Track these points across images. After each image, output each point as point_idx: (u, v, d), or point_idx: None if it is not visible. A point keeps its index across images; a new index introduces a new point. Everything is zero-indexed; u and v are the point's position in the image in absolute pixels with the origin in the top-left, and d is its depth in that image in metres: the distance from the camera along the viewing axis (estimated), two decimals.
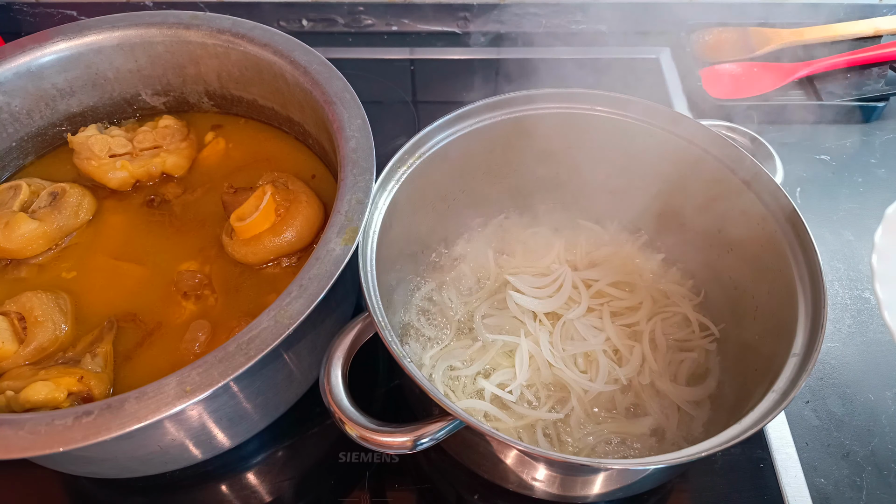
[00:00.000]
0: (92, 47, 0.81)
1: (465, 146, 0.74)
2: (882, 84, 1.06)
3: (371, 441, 0.53)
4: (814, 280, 0.61)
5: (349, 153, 0.68)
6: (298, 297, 0.57)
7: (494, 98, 0.74)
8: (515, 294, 0.76)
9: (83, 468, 0.67)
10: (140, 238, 0.77)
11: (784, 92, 1.07)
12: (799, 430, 0.75)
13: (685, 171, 0.74)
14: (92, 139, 0.79)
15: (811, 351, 0.57)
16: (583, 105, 0.75)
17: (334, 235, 0.61)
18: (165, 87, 0.87)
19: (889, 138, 1.05)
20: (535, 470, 0.60)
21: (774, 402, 0.54)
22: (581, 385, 0.70)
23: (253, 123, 0.89)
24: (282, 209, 0.72)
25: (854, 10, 1.19)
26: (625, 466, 0.55)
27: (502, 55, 1.17)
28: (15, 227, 0.72)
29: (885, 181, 0.99)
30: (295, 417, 0.73)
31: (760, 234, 0.68)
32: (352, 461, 0.72)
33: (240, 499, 0.71)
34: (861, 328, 0.84)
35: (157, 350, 0.68)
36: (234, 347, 0.54)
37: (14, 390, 0.60)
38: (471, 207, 0.83)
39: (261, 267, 0.73)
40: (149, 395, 0.52)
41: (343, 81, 0.74)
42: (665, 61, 1.16)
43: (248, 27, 0.80)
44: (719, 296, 0.76)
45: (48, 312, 0.67)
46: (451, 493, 0.71)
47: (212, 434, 0.64)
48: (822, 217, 0.95)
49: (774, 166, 0.70)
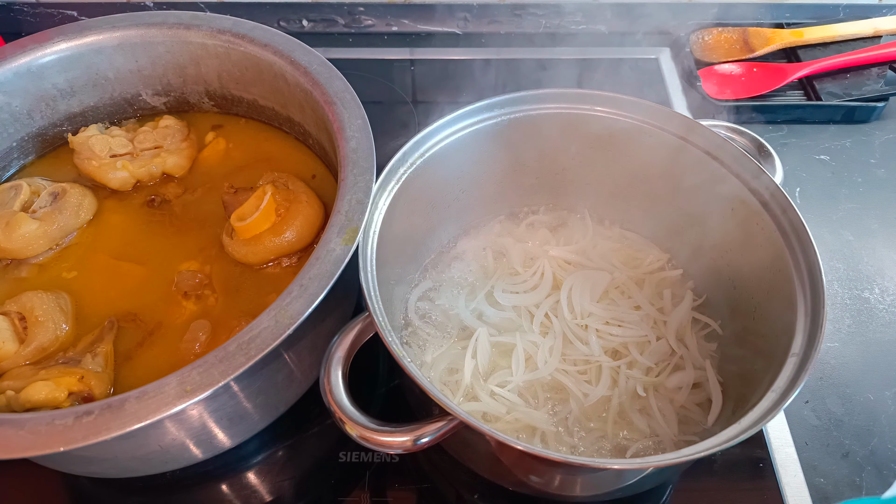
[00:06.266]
0: (92, 47, 0.81)
1: (465, 146, 0.74)
2: (881, 84, 1.06)
3: (371, 441, 0.53)
4: (813, 280, 0.61)
5: (349, 153, 0.68)
6: (299, 297, 0.57)
7: (494, 98, 0.74)
8: (501, 294, 0.76)
9: (83, 468, 0.67)
10: (140, 238, 0.77)
11: (784, 92, 1.08)
12: (799, 429, 0.75)
13: (684, 172, 0.74)
14: (92, 139, 0.79)
15: (811, 351, 0.57)
16: (583, 105, 0.75)
17: (334, 235, 0.61)
18: (166, 87, 0.87)
19: (889, 138, 1.05)
20: (535, 470, 0.60)
21: (774, 401, 0.54)
22: (580, 388, 0.70)
23: (253, 123, 0.90)
24: (282, 209, 0.72)
25: (854, 10, 1.19)
26: (625, 466, 0.55)
27: (502, 55, 1.17)
28: (16, 227, 0.72)
29: (884, 181, 0.99)
30: (295, 417, 0.73)
31: (760, 234, 0.68)
32: (352, 461, 0.72)
33: (240, 498, 0.71)
34: (861, 328, 0.84)
35: (158, 350, 0.68)
36: (235, 347, 0.54)
37: (14, 390, 0.61)
38: (471, 207, 0.83)
39: (261, 267, 0.73)
40: (149, 394, 0.52)
41: (343, 81, 0.75)
42: (665, 61, 1.17)
43: (248, 27, 0.80)
44: (719, 296, 0.76)
45: (49, 312, 0.67)
46: (451, 493, 0.71)
47: (212, 434, 0.64)
48: (822, 217, 0.95)
49: (774, 166, 0.70)
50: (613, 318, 0.75)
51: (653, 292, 0.78)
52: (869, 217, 0.95)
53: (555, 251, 0.81)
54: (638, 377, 0.71)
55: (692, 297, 0.78)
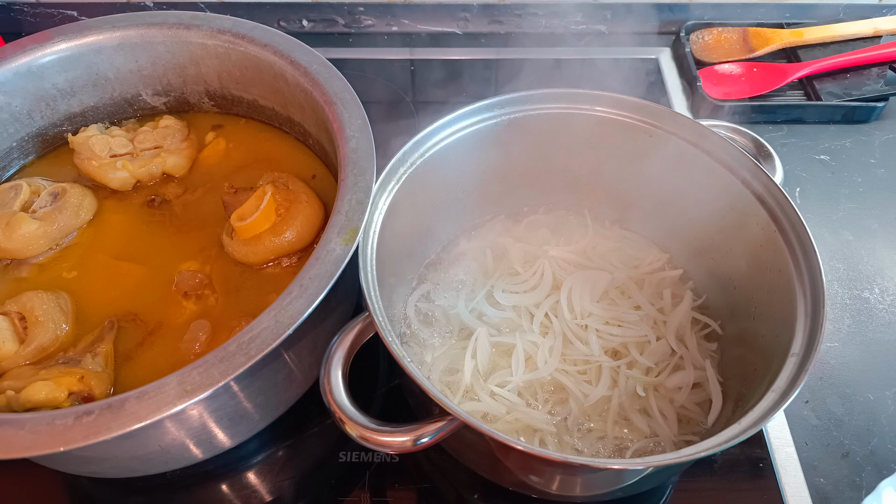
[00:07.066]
0: (92, 47, 0.81)
1: (465, 146, 0.74)
2: (881, 84, 1.06)
3: (371, 441, 0.53)
4: (813, 280, 0.61)
5: (349, 153, 0.68)
6: (299, 297, 0.57)
7: (494, 98, 0.74)
8: (501, 294, 0.77)
9: (83, 468, 0.67)
10: (140, 238, 0.77)
11: (784, 92, 1.08)
12: (799, 429, 0.75)
13: (684, 172, 0.74)
14: (92, 139, 0.79)
15: (811, 351, 0.57)
16: (583, 105, 0.75)
17: (334, 235, 0.61)
18: (166, 87, 0.87)
19: (889, 138, 1.05)
20: (535, 470, 0.60)
21: (774, 401, 0.54)
22: (580, 388, 0.70)
23: (253, 123, 0.90)
24: (282, 209, 0.72)
25: (854, 10, 1.19)
26: (625, 466, 0.55)
27: (502, 55, 1.17)
28: (16, 227, 0.72)
29: (884, 181, 0.99)
30: (295, 417, 0.73)
31: (760, 234, 0.68)
32: (352, 461, 0.72)
33: (240, 498, 0.71)
34: (861, 328, 0.84)
35: (158, 350, 0.68)
36: (235, 347, 0.54)
37: (14, 390, 0.60)
38: (471, 207, 0.83)
39: (261, 267, 0.73)
40: (149, 394, 0.52)
41: (343, 81, 0.75)
42: (665, 61, 1.17)
43: (248, 27, 0.80)
44: (719, 296, 0.76)
45: (49, 312, 0.67)
46: (451, 493, 0.71)
47: (212, 434, 0.64)
48: (822, 217, 0.95)
49: (774, 166, 0.70)
50: (613, 318, 0.75)
51: (653, 292, 0.78)
52: (869, 217, 0.95)
53: (555, 251, 0.81)
54: (638, 377, 0.71)
55: (692, 297, 0.78)
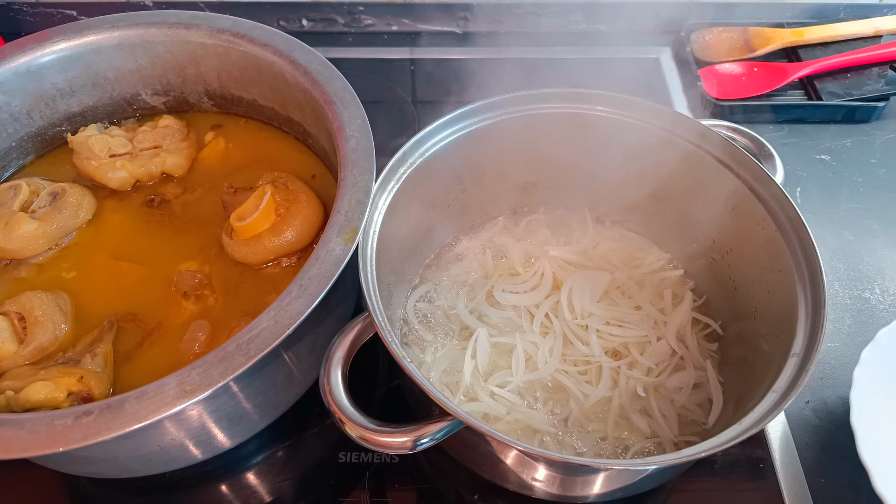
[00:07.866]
0: (92, 47, 0.81)
1: (465, 146, 0.74)
2: (882, 84, 1.06)
3: (371, 441, 0.53)
4: (814, 280, 0.61)
5: (349, 153, 0.68)
6: (298, 297, 0.57)
7: (494, 98, 0.74)
8: (501, 294, 0.76)
9: (83, 468, 0.67)
10: (140, 238, 0.77)
11: (784, 92, 1.07)
12: (799, 430, 0.75)
13: (685, 171, 0.74)
14: (92, 139, 0.79)
15: (811, 351, 0.57)
16: (583, 105, 0.75)
17: (334, 235, 0.61)
18: (165, 86, 0.87)
19: (889, 138, 1.05)
20: (535, 470, 0.60)
21: (774, 402, 0.54)
22: (581, 389, 0.70)
23: (253, 123, 0.89)
24: (282, 209, 0.72)
25: (854, 10, 1.19)
26: (625, 466, 0.55)
27: (502, 55, 1.17)
28: (15, 227, 0.72)
29: (885, 181, 0.99)
30: (295, 418, 0.73)
31: (760, 234, 0.68)
32: (352, 461, 0.72)
33: (240, 499, 0.71)
34: (861, 328, 0.84)
35: (157, 350, 0.68)
36: (234, 347, 0.54)
37: (14, 390, 0.60)
38: (470, 207, 0.83)
39: (261, 267, 0.73)
40: (149, 395, 0.52)
41: (343, 81, 0.74)
42: (665, 61, 1.17)
43: (248, 27, 0.80)
44: (719, 296, 0.76)
45: (48, 312, 0.67)
46: (451, 493, 0.71)
47: (212, 434, 0.64)
48: (822, 217, 0.95)
49: (774, 166, 0.70)
50: (614, 319, 0.75)
51: (653, 292, 0.78)
52: (870, 217, 0.95)
53: (555, 251, 0.81)
54: (638, 377, 0.71)
55: (692, 298, 0.77)
